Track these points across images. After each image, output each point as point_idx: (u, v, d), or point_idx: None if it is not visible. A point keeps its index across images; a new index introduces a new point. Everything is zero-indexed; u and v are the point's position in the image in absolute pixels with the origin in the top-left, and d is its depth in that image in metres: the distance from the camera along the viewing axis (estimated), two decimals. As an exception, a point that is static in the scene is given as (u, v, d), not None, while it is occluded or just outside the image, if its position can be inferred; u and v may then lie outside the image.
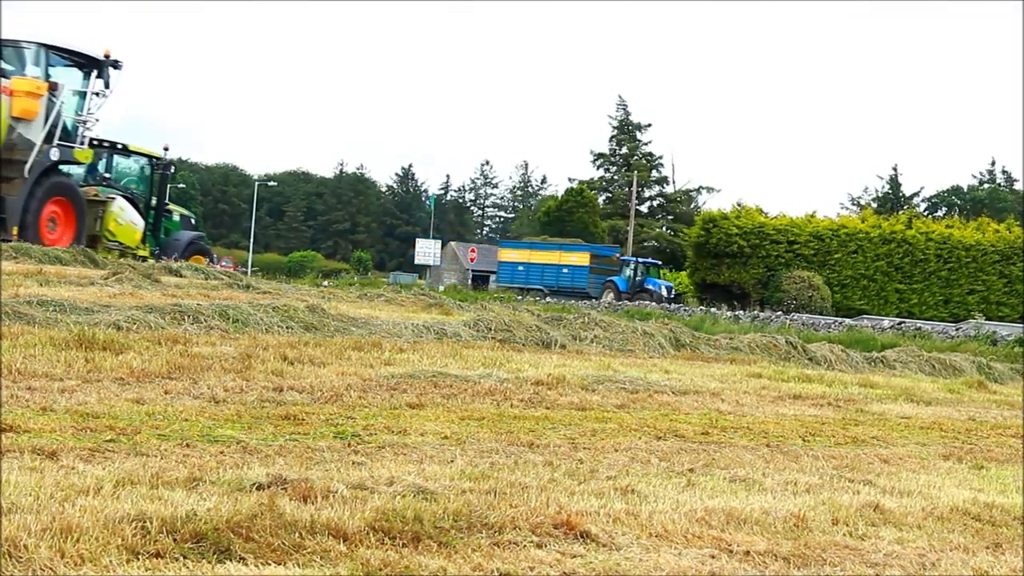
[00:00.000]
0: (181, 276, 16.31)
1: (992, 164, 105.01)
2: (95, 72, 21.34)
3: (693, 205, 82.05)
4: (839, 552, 4.03)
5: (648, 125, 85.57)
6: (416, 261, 65.28)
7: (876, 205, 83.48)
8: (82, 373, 6.86)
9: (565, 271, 52.71)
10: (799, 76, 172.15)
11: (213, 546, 3.38)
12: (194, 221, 27.37)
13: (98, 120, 21.67)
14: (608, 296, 47.14)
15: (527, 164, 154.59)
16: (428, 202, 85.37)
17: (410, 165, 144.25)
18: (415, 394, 7.32)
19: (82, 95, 21.31)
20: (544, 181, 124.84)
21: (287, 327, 10.50)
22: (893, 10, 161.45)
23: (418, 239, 68.01)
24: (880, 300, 46.73)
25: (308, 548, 3.46)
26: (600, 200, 79.74)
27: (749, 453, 6.36)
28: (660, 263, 52.45)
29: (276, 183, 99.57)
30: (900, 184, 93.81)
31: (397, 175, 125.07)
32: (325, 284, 32.09)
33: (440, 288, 49.11)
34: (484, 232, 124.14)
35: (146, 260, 20.52)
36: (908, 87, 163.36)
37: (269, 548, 3.41)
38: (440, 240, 71.03)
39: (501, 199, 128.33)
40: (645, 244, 73.10)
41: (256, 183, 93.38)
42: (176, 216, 25.65)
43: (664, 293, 46.98)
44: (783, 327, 26.75)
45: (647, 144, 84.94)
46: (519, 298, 40.39)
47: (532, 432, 6.33)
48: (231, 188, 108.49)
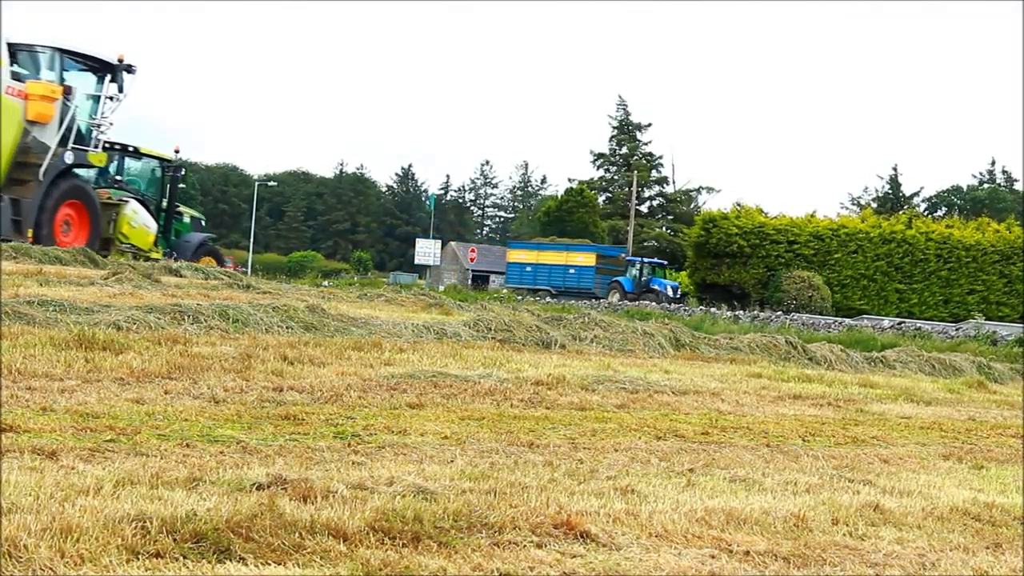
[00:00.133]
0: (181, 276, 16.32)
1: (992, 164, 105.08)
2: (109, 76, 21.54)
3: (693, 205, 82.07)
4: (839, 552, 4.03)
5: (648, 125, 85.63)
6: (416, 261, 65.26)
7: (876, 205, 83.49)
8: (82, 373, 6.86)
9: (572, 271, 52.55)
10: (799, 76, 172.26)
11: (213, 546, 3.38)
12: (204, 223, 27.42)
13: (112, 124, 21.94)
14: (614, 296, 47.02)
15: (527, 164, 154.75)
16: (428, 202, 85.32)
17: (410, 165, 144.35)
18: (415, 394, 7.32)
19: (96, 99, 21.53)
20: (544, 181, 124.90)
21: (287, 327, 10.51)
22: (893, 10, 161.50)
23: (418, 239, 67.98)
24: (880, 300, 46.75)
25: (308, 548, 3.46)
26: (600, 200, 79.73)
27: (749, 453, 6.36)
28: (666, 263, 52.07)
29: (276, 183, 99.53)
30: (900, 184, 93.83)
31: (397, 175, 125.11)
32: (325, 284, 32.10)
33: (440, 288, 49.13)
34: (484, 232, 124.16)
35: (159, 262, 20.58)
36: (908, 87, 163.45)
37: (269, 548, 3.42)
38: (440, 240, 70.99)
39: (501, 199, 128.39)
40: (645, 244, 73.09)
41: (256, 183, 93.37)
42: (186, 218, 25.73)
43: (670, 293, 46.80)
44: (783, 327, 26.76)
45: (647, 144, 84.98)
46: (519, 298, 40.37)
47: (532, 432, 6.33)
48: (231, 188, 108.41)
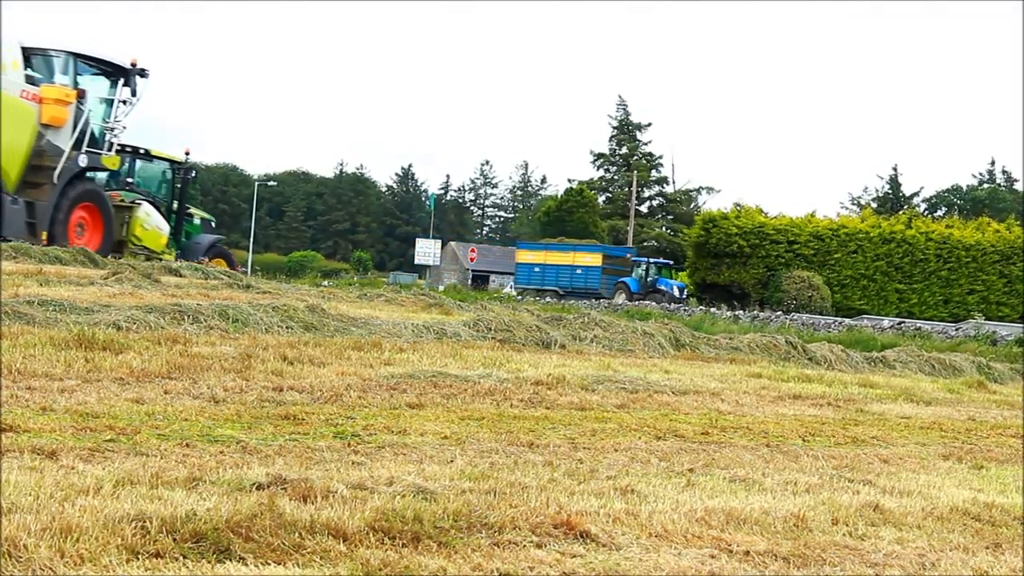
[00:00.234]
0: (181, 276, 16.32)
1: (992, 164, 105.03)
2: (122, 80, 21.71)
3: (693, 205, 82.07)
4: (839, 552, 4.03)
5: (648, 125, 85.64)
6: (416, 261, 65.21)
7: (876, 205, 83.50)
8: (82, 373, 6.86)
9: (579, 272, 52.12)
10: (799, 76, 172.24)
11: (213, 546, 3.38)
12: (214, 224, 27.46)
13: (125, 127, 22.09)
14: (620, 297, 46.61)
15: (527, 164, 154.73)
16: (428, 202, 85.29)
17: (410, 165, 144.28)
18: (415, 394, 7.32)
19: (109, 103, 21.70)
20: (544, 181, 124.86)
21: (287, 327, 10.50)
22: (893, 10, 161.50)
23: (418, 239, 67.94)
24: (880, 300, 46.75)
25: (308, 548, 3.46)
26: (600, 200, 79.72)
27: (749, 453, 6.36)
28: (672, 263, 51.36)
29: (276, 183, 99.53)
30: (900, 184, 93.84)
31: (397, 175, 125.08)
32: (325, 284, 32.09)
33: (440, 288, 49.12)
34: (484, 232, 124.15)
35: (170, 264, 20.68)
36: (908, 87, 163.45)
37: (269, 548, 3.41)
38: (440, 240, 70.96)
39: (501, 199, 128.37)
40: (645, 244, 73.08)
41: (256, 183, 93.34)
42: (196, 219, 25.78)
43: (676, 293, 46.38)
44: (783, 327, 26.76)
45: (647, 144, 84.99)
46: (519, 298, 40.35)
47: (532, 432, 6.33)
48: (231, 188, 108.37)
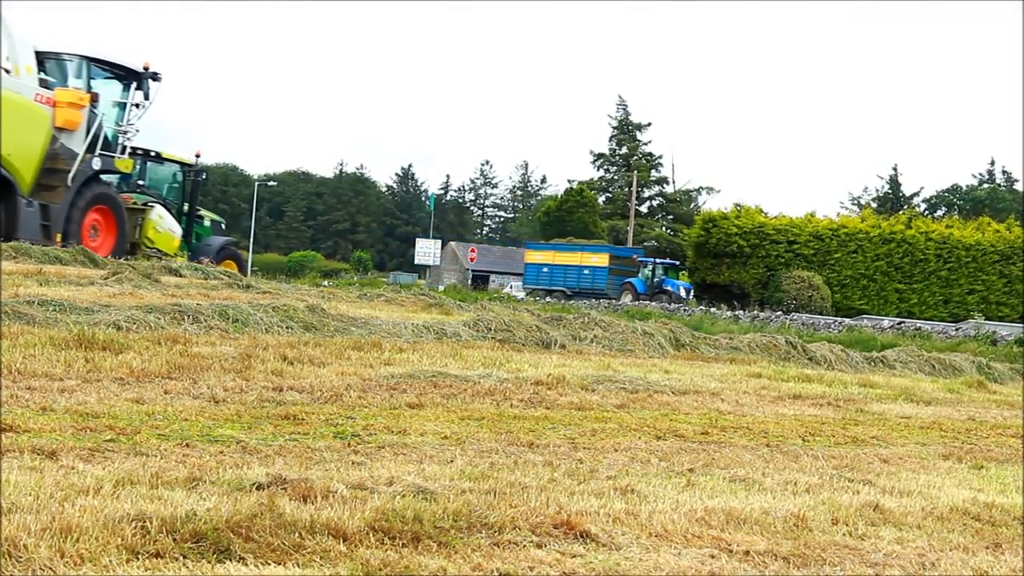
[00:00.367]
0: (181, 276, 16.32)
1: (992, 164, 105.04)
2: (135, 84, 21.89)
3: (693, 205, 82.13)
4: (839, 552, 4.03)
5: (648, 125, 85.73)
6: (416, 261, 65.25)
7: (876, 205, 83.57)
8: (82, 373, 6.86)
9: (586, 272, 51.77)
10: (799, 76, 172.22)
11: (213, 546, 3.38)
12: (224, 226, 27.50)
13: (138, 131, 22.27)
14: (626, 297, 46.35)
15: (527, 164, 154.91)
16: (428, 202, 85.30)
17: (410, 165, 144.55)
18: (415, 394, 7.32)
19: (122, 106, 21.87)
20: (544, 181, 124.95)
21: (287, 327, 10.50)
22: (893, 10, 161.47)
23: (418, 239, 67.97)
24: (880, 300, 46.77)
25: (308, 548, 3.46)
26: (600, 200, 79.74)
27: (749, 453, 6.36)
28: (678, 263, 50.83)
29: (276, 183, 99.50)
30: (900, 184, 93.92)
31: (397, 175, 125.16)
32: (325, 284, 32.08)
33: (440, 288, 49.13)
34: (484, 232, 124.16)
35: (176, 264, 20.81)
36: (908, 87, 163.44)
37: (269, 548, 3.41)
38: (440, 240, 70.98)
39: (501, 199, 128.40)
40: (645, 244, 73.09)
41: (256, 183, 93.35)
42: (207, 222, 25.83)
43: (683, 294, 46.09)
44: (783, 327, 26.77)
45: (647, 144, 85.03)
46: (519, 298, 40.33)
47: (532, 432, 6.33)
48: (231, 188, 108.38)
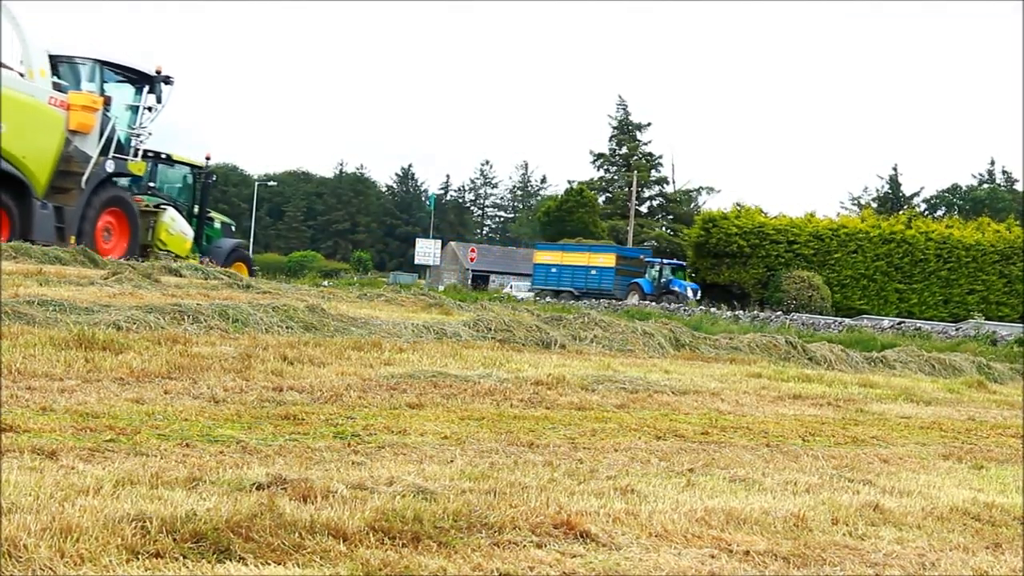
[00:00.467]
0: (181, 276, 16.32)
1: (991, 164, 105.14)
2: (147, 88, 22.08)
3: (693, 205, 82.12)
4: (839, 552, 4.03)
5: (648, 125, 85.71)
6: (416, 261, 65.21)
7: (876, 205, 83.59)
8: (82, 373, 6.86)
9: (593, 272, 51.22)
10: (799, 76, 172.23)
11: (213, 546, 3.38)
12: (234, 228, 27.57)
13: (151, 134, 22.50)
14: (633, 298, 45.77)
15: (527, 164, 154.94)
16: (428, 202, 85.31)
17: (410, 165, 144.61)
18: (415, 394, 7.31)
19: (134, 109, 22.10)
20: (544, 181, 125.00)
21: (287, 327, 10.50)
22: (893, 10, 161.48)
23: (418, 239, 67.95)
24: (880, 300, 46.78)
25: (308, 548, 3.46)
26: (600, 200, 79.72)
27: (749, 453, 6.36)
28: (685, 264, 50.10)
29: (276, 183, 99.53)
30: (900, 184, 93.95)
31: (397, 175, 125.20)
32: (325, 284, 32.07)
33: (440, 288, 49.12)
34: (484, 232, 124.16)
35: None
36: (908, 87, 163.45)
37: (269, 548, 3.41)
38: (440, 240, 70.96)
39: (501, 199, 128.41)
40: (645, 244, 73.08)
41: (256, 183, 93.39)
42: (217, 223, 25.89)
43: (690, 295, 45.50)
44: (783, 327, 26.77)
45: (647, 144, 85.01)
46: (519, 298, 40.32)
47: (532, 432, 6.33)
48: (231, 188, 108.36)
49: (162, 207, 23.06)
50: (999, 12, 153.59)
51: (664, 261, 49.92)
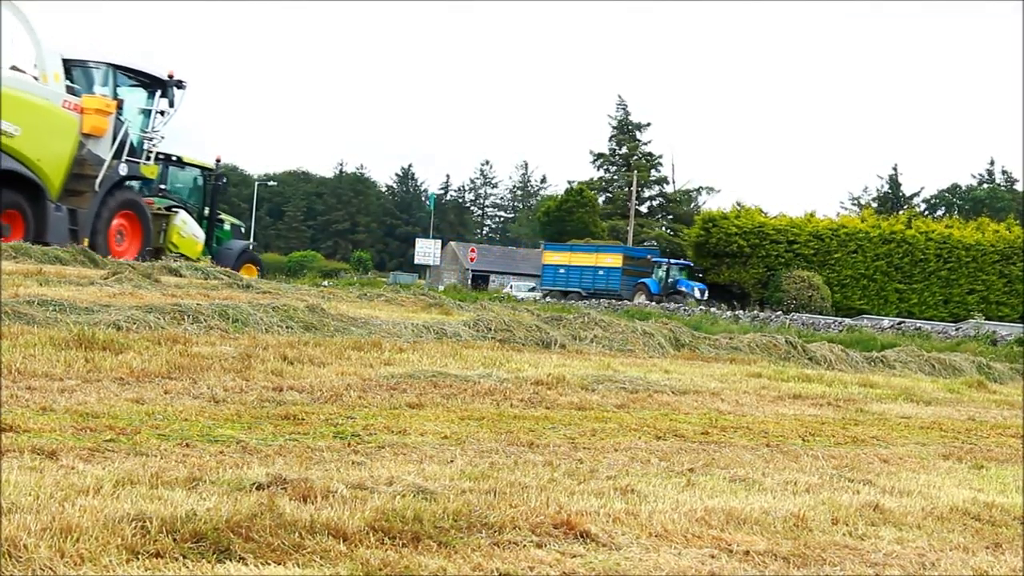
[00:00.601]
0: (181, 276, 16.32)
1: (991, 164, 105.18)
2: (159, 91, 22.27)
3: (693, 205, 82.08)
4: (839, 552, 4.03)
5: (648, 125, 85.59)
6: (416, 261, 65.14)
7: (876, 205, 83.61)
8: (82, 373, 6.86)
9: (600, 273, 50.92)
10: (799, 76, 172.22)
11: (213, 546, 3.37)
12: (243, 230, 27.63)
13: (163, 137, 22.72)
14: (640, 298, 45.50)
15: (527, 164, 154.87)
16: (428, 202, 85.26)
17: (410, 165, 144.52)
18: (415, 394, 7.31)
19: (147, 113, 22.29)
20: (544, 181, 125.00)
21: (287, 327, 10.50)
22: (893, 10, 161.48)
23: (418, 239, 67.90)
24: (880, 300, 46.79)
25: (308, 548, 3.46)
26: (600, 200, 79.67)
27: (749, 453, 6.36)
28: (692, 264, 49.44)
29: (276, 183, 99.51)
30: (900, 184, 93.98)
31: (397, 175, 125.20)
32: (325, 284, 32.06)
33: (440, 288, 49.11)
34: (484, 232, 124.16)
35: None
36: (908, 87, 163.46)
37: (269, 548, 3.41)
38: (440, 240, 70.92)
39: (501, 199, 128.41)
40: (645, 244, 73.06)
41: (256, 183, 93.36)
42: (227, 226, 25.95)
43: (697, 295, 45.25)
44: (783, 327, 26.76)
45: (647, 144, 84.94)
46: (519, 298, 40.31)
47: (532, 432, 6.32)
48: (231, 188, 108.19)
49: (174, 210, 23.25)
50: (999, 12, 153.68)
51: (671, 261, 49.41)
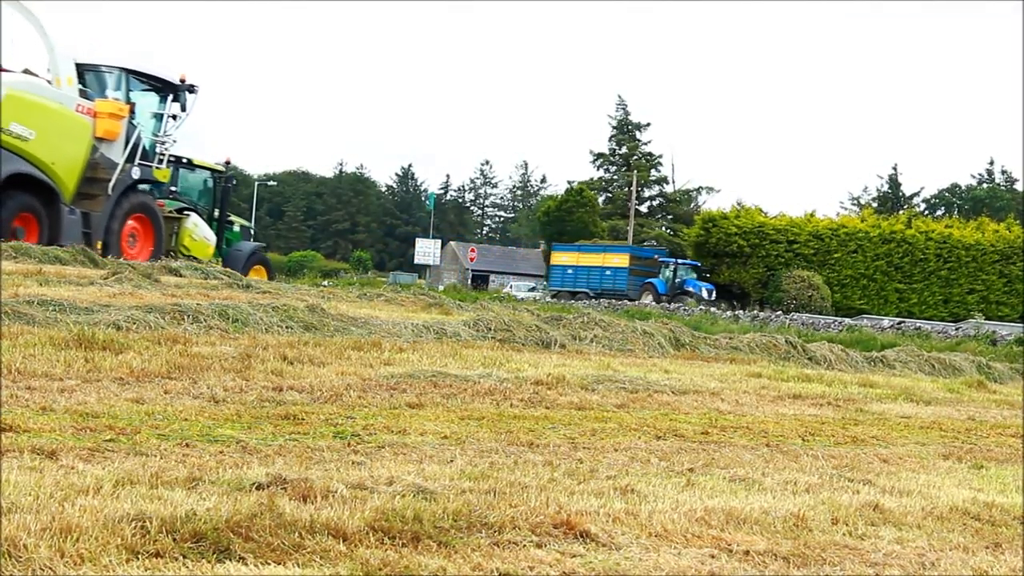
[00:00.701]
0: (181, 276, 16.32)
1: (991, 164, 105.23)
2: (171, 96, 22.40)
3: (693, 205, 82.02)
4: (839, 552, 4.03)
5: (648, 125, 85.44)
6: (416, 261, 65.19)
7: (876, 205, 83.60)
8: (82, 373, 6.86)
9: (608, 273, 50.42)
10: (799, 76, 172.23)
11: (213, 546, 3.37)
12: (252, 231, 27.66)
13: (176, 141, 22.80)
14: (647, 298, 45.12)
15: (527, 164, 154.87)
16: (428, 202, 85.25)
17: (410, 165, 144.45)
18: (415, 394, 7.31)
19: (159, 117, 22.42)
20: (544, 181, 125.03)
21: (287, 327, 10.50)
22: (893, 10, 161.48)
23: (418, 239, 67.92)
24: (880, 300, 46.78)
25: (308, 548, 3.45)
26: (600, 200, 79.62)
27: (749, 453, 6.35)
28: (699, 264, 48.55)
29: (276, 183, 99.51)
30: (900, 184, 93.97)
31: (397, 175, 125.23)
32: (325, 284, 32.06)
33: (440, 288, 49.10)
34: (484, 232, 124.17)
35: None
36: (908, 87, 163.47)
37: (269, 548, 3.41)
38: (440, 240, 70.93)
39: (501, 199, 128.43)
40: (645, 244, 73.03)
41: (256, 183, 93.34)
42: (237, 227, 25.99)
43: (705, 296, 44.78)
44: (783, 327, 26.76)
45: (647, 144, 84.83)
46: (519, 298, 40.31)
47: (532, 432, 6.32)
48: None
49: (185, 213, 23.38)
50: (999, 12, 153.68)
51: (679, 261, 48.70)
